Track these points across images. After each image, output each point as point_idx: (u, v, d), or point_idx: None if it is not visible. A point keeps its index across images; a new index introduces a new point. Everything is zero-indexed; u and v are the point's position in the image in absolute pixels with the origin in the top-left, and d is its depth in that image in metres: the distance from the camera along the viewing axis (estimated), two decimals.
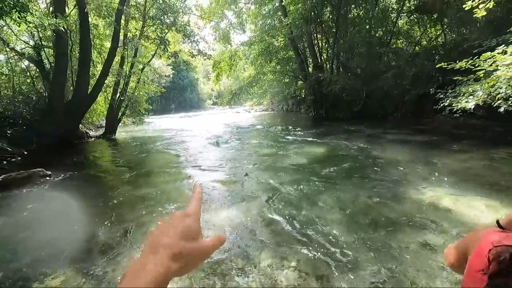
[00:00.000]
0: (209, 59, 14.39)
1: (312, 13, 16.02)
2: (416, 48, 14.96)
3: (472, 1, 4.17)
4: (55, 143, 9.49)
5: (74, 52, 11.36)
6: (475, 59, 3.84)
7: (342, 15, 16.15)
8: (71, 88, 11.40)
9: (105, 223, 3.45)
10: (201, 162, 6.76)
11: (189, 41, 12.06)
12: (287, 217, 3.35)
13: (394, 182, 4.32)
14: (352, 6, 16.31)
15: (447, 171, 4.66)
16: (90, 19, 10.50)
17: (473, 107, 3.85)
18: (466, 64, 3.94)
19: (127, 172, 6.23)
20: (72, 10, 10.94)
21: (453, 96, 4.34)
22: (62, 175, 5.84)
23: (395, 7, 15.04)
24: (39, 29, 9.29)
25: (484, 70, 3.93)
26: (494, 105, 3.72)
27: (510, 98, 3.50)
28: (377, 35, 15.45)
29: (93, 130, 15.23)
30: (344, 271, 2.26)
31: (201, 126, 16.05)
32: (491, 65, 3.77)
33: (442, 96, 5.82)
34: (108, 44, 12.59)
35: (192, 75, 46.29)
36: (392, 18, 15.12)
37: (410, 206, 3.43)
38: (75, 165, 7.05)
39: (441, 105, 4.69)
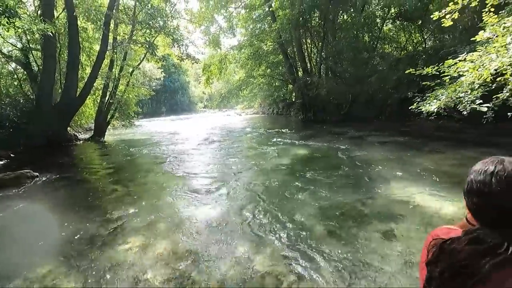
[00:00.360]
0: (197, 63, 14.54)
1: (301, 18, 16.44)
2: (402, 53, 15.49)
3: (439, 12, 4.49)
4: (43, 145, 9.48)
5: (62, 55, 11.38)
6: (440, 65, 4.16)
7: (329, 21, 16.59)
8: (59, 90, 11.40)
9: (90, 220, 3.59)
10: (188, 163, 6.93)
11: (178, 45, 12.22)
12: (266, 211, 3.58)
13: (369, 180, 4.60)
14: (340, 12, 16.77)
15: (420, 169, 4.97)
16: (79, 22, 10.56)
17: (435, 110, 4.15)
18: (432, 70, 4.26)
19: (114, 174, 6.34)
20: (60, 13, 10.98)
21: (424, 100, 4.66)
22: (50, 176, 5.91)
23: (380, 14, 15.52)
24: (27, 33, 9.32)
25: (449, 76, 4.25)
26: (459, 108, 4.04)
27: (468, 102, 3.82)
28: (364, 40, 15.93)
29: (82, 132, 15.17)
30: (311, 257, 2.49)
31: (191, 129, 16.17)
32: (455, 71, 4.09)
33: (419, 99, 6.15)
34: (97, 47, 12.64)
35: (183, 78, 46.31)
36: (378, 24, 15.60)
37: (381, 201, 3.69)
38: (63, 166, 7.10)
39: (410, 108, 4.99)
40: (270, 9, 15.30)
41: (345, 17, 16.74)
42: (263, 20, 18.37)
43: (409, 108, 4.93)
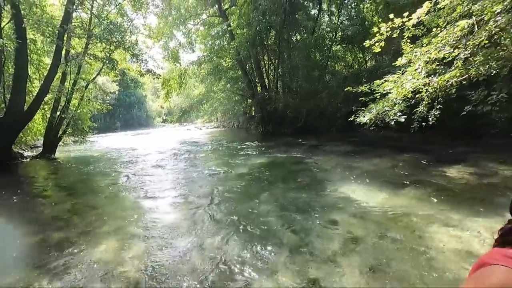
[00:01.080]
0: (158, 78, 14.55)
1: (258, 37, 17.46)
2: (350, 70, 17.26)
3: (370, 41, 5.43)
4: None
5: (7, 67, 10.64)
6: (371, 84, 5.05)
7: (284, 40, 17.87)
8: (2, 105, 10.55)
9: (56, 230, 3.60)
10: (150, 175, 6.99)
11: (137, 60, 12.19)
12: (229, 210, 4.03)
13: (319, 182, 5.27)
14: (294, 32, 18.15)
15: (361, 172, 5.78)
16: (27, 34, 10.04)
17: (367, 121, 5.00)
18: (365, 88, 5.14)
19: (72, 189, 6.17)
20: (6, 24, 10.36)
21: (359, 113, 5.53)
22: (1, 195, 5.56)
23: (329, 36, 17.17)
24: None
25: (379, 93, 5.16)
26: (386, 120, 4.92)
27: (392, 114, 4.72)
28: (316, 58, 17.41)
29: (27, 150, 13.99)
30: (268, 242, 2.97)
31: (150, 144, 15.86)
32: (383, 89, 5.00)
33: (360, 113, 7.13)
34: (47, 60, 12.04)
35: (139, 92, 44.89)
36: (328, 44, 17.19)
37: (327, 198, 4.34)
38: (14, 185, 6.65)
39: (348, 119, 5.84)
40: (229, 28, 16.05)
41: (298, 37, 18.18)
42: (222, 37, 19.07)
43: (348, 119, 5.75)
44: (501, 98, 6.41)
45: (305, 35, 16.98)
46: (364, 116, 5.05)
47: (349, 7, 16.75)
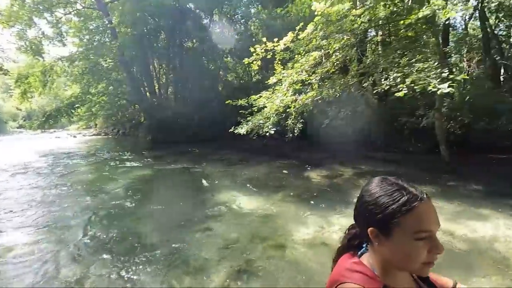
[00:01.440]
0: (5, 75, 11.42)
1: (147, 37, 16.32)
2: (241, 82, 18.31)
3: (248, 59, 5.96)
4: None
5: None
6: (248, 98, 5.57)
7: (176, 45, 17.39)
8: None
9: None
10: None
11: None
12: (100, 233, 3.61)
13: (204, 191, 5.38)
14: (186, 39, 17.90)
15: (244, 179, 6.23)
16: None
17: (244, 132, 5.50)
18: (243, 102, 5.62)
19: None
20: None
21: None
22: None
23: (221, 47, 17.79)
24: None
25: (257, 107, 5.72)
26: (260, 132, 5.52)
27: (265, 127, 5.36)
28: (209, 67, 17.69)
29: None
30: (143, 261, 2.84)
31: None
32: (259, 104, 5.57)
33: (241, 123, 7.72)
34: None
35: None
36: (220, 55, 17.76)
37: (210, 207, 4.49)
38: None
39: (229, 131, 6.24)
40: (109, 25, 14.40)
41: (190, 45, 18.05)
42: (102, 33, 16.88)
43: (229, 131, 6.12)
44: (346, 114, 8.23)
45: (197, 43, 17.07)
46: (242, 128, 5.48)
47: (238, 22, 17.89)
